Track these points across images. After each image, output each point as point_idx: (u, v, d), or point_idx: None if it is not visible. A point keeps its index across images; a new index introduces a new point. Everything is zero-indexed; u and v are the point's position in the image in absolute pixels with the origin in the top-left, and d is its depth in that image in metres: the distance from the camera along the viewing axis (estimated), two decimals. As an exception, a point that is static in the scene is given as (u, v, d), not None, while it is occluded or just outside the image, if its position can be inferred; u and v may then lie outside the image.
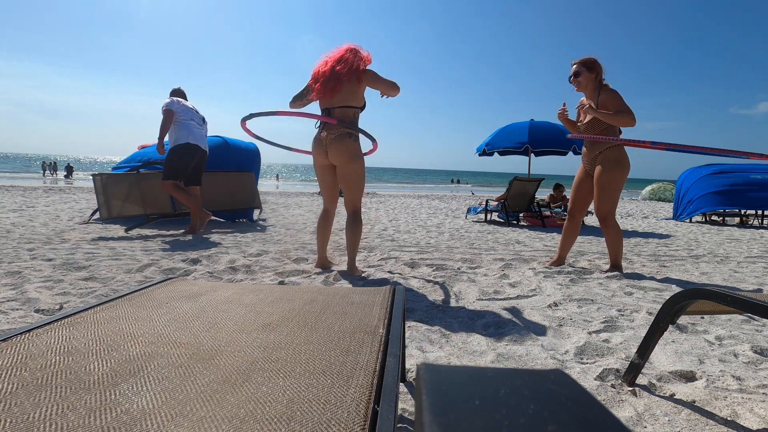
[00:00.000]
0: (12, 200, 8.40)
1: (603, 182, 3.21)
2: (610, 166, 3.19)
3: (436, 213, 9.10)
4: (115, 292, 2.49)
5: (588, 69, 3.25)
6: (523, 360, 1.70)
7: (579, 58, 3.31)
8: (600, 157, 3.25)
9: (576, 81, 3.30)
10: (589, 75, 3.25)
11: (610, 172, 3.18)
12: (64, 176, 25.95)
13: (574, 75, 3.30)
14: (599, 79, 3.28)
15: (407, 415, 1.26)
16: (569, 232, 3.54)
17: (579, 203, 3.47)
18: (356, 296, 1.31)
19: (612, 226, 3.28)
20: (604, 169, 3.20)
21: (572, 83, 3.34)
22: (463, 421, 0.24)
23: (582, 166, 3.46)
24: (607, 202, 3.23)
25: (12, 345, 0.87)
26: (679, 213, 8.88)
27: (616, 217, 3.59)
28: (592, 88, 3.28)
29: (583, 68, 3.26)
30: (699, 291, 1.27)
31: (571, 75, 3.33)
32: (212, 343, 0.91)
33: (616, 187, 3.20)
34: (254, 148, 6.84)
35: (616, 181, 3.19)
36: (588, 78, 3.26)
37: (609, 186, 3.20)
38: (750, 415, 1.29)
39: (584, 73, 3.26)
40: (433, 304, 2.43)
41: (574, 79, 3.31)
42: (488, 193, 20.45)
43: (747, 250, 4.88)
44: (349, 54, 3.01)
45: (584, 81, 3.27)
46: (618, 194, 3.24)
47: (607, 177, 3.19)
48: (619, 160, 3.19)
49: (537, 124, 8.10)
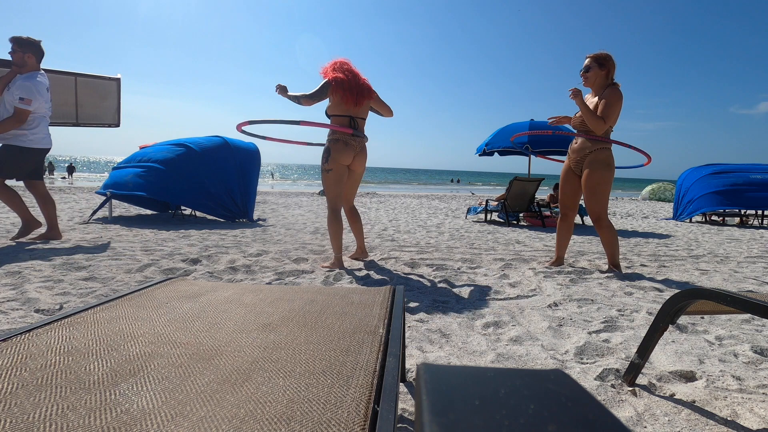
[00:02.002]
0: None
1: (592, 184, 3.23)
2: (599, 168, 3.21)
3: (436, 213, 9.10)
4: (115, 292, 2.49)
5: (599, 65, 3.22)
6: (523, 360, 1.70)
7: (594, 52, 3.26)
8: (589, 157, 3.25)
9: (585, 76, 3.28)
10: (600, 71, 3.23)
11: (600, 173, 3.21)
12: (62, 178, 25.90)
13: (585, 69, 3.27)
14: (610, 76, 3.24)
15: (407, 415, 1.26)
16: (564, 231, 3.55)
17: (569, 201, 3.48)
18: (356, 296, 1.31)
19: (606, 226, 3.30)
20: (593, 170, 3.22)
21: (582, 77, 3.32)
22: (463, 421, 0.24)
23: (566, 164, 3.45)
24: (599, 203, 3.25)
25: (12, 345, 0.87)
26: (679, 213, 8.88)
27: (615, 218, 3.61)
28: (599, 84, 3.26)
29: (595, 64, 3.23)
30: (699, 291, 1.27)
31: (582, 69, 3.30)
32: (212, 343, 0.91)
33: (606, 187, 3.24)
34: (254, 148, 6.84)
35: (605, 181, 3.22)
36: (597, 74, 3.23)
37: (599, 187, 3.22)
38: (750, 415, 1.29)
39: (594, 69, 3.23)
40: (433, 304, 2.43)
41: (584, 74, 3.29)
42: (488, 193, 20.46)
43: (747, 250, 4.88)
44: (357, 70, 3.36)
45: (593, 76, 3.25)
46: (608, 194, 3.27)
47: (596, 178, 3.22)
48: (607, 162, 3.22)
49: (537, 124, 8.11)
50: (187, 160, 6.08)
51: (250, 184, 6.56)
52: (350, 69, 3.31)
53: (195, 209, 6.16)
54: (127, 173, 6.15)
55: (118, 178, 6.20)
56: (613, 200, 18.06)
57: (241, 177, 6.38)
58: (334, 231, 3.31)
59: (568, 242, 3.58)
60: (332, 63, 3.34)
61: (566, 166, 3.45)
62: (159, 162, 6.02)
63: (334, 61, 3.35)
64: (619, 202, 16.16)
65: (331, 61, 3.35)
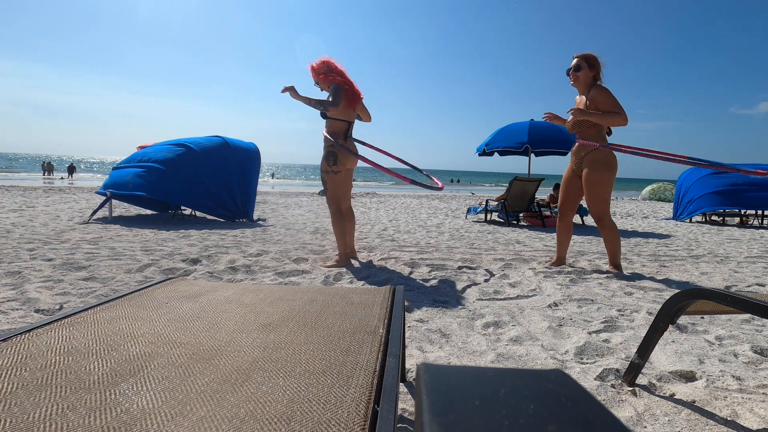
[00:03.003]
0: (12, 200, 8.40)
1: (592, 183, 3.24)
2: (597, 168, 3.22)
3: (436, 213, 9.10)
4: (115, 292, 2.49)
5: (589, 66, 3.25)
6: (523, 360, 1.70)
7: (581, 52, 3.28)
8: (587, 158, 3.26)
9: (575, 75, 3.30)
10: (589, 72, 3.25)
11: (598, 173, 3.21)
12: (61, 178, 25.88)
13: (575, 68, 3.29)
14: (597, 77, 3.28)
15: (407, 415, 1.26)
16: (563, 231, 3.57)
17: (569, 201, 3.49)
18: (356, 296, 1.31)
19: (608, 225, 3.29)
20: (592, 170, 3.23)
21: (570, 76, 3.34)
22: (463, 421, 0.24)
23: (570, 165, 3.48)
24: (599, 203, 3.25)
25: (12, 345, 0.87)
26: (679, 213, 8.88)
27: (615, 218, 3.62)
28: (586, 84, 3.29)
29: (585, 63, 3.25)
30: (699, 291, 1.27)
31: (571, 67, 3.32)
32: (212, 343, 0.91)
33: (606, 187, 3.23)
34: (254, 148, 6.84)
35: (605, 181, 3.22)
36: (587, 74, 3.26)
37: (599, 187, 3.22)
38: (750, 415, 1.29)
39: (584, 69, 3.25)
40: (433, 304, 2.43)
41: (573, 73, 3.30)
42: (488, 193, 20.46)
43: (747, 250, 4.88)
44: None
45: (583, 76, 3.27)
46: (609, 194, 3.27)
47: (595, 178, 3.22)
48: (606, 162, 3.21)
49: (537, 124, 8.11)
50: (187, 160, 6.08)
51: (250, 184, 6.56)
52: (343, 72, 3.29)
53: (195, 209, 6.16)
54: (127, 173, 6.15)
55: (118, 178, 6.20)
56: (613, 200, 18.07)
57: (241, 177, 6.38)
58: (341, 229, 3.36)
59: (568, 242, 3.59)
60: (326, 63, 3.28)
61: (569, 169, 3.48)
62: (159, 162, 6.02)
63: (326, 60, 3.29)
64: (619, 202, 16.16)
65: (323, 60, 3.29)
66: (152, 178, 5.92)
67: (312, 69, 3.32)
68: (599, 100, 3.16)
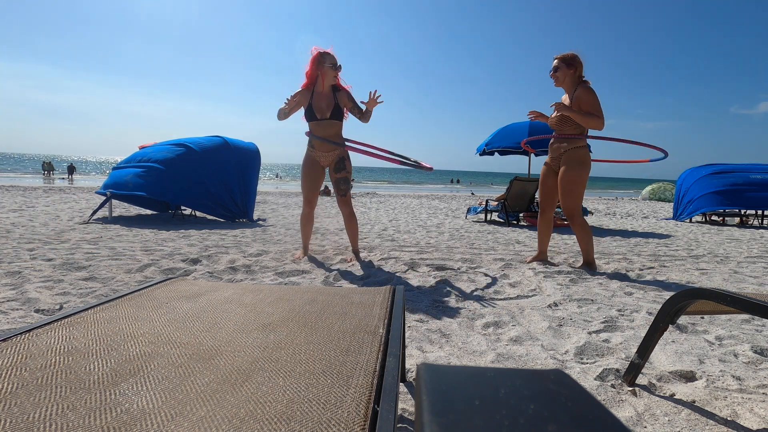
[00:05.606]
0: (12, 200, 8.40)
1: (567, 181, 3.31)
2: (573, 166, 3.30)
3: (436, 213, 9.10)
4: (115, 292, 2.49)
5: (567, 65, 3.32)
6: (523, 360, 1.70)
7: (561, 53, 3.38)
8: (564, 156, 3.35)
9: (554, 76, 3.39)
10: (568, 71, 3.32)
11: (574, 171, 3.29)
12: (61, 178, 25.86)
13: (554, 70, 3.39)
14: (578, 74, 3.34)
15: (407, 415, 1.26)
16: (544, 227, 3.66)
17: (547, 198, 3.57)
18: (356, 296, 1.31)
19: (579, 223, 3.38)
20: (568, 168, 3.31)
21: (552, 77, 3.43)
22: (463, 421, 0.24)
23: (547, 162, 3.55)
24: (573, 200, 3.33)
25: (12, 345, 0.87)
26: (679, 213, 8.88)
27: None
28: (569, 83, 3.35)
29: (563, 64, 3.33)
30: (699, 291, 1.27)
31: (551, 69, 3.41)
32: (212, 343, 0.91)
33: (582, 186, 3.31)
34: (254, 148, 6.84)
35: (580, 179, 3.30)
36: (566, 73, 3.33)
37: (573, 185, 3.30)
38: (750, 415, 1.29)
39: (563, 69, 3.33)
40: (433, 304, 2.43)
41: (553, 74, 3.40)
42: (488, 193, 20.45)
43: (747, 250, 4.88)
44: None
45: (562, 76, 3.35)
46: (582, 192, 3.34)
47: (570, 176, 3.30)
48: (582, 161, 3.30)
49: (537, 123, 8.11)
50: (187, 160, 6.08)
51: (250, 184, 6.56)
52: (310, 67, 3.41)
53: (195, 209, 6.16)
54: (127, 173, 6.15)
55: (118, 178, 6.20)
56: (613, 200, 18.06)
57: (241, 177, 6.38)
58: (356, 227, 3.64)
59: (549, 237, 3.70)
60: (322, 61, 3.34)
61: (545, 167, 3.56)
62: (159, 162, 6.02)
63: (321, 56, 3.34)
64: (619, 202, 16.16)
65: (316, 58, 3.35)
66: (152, 178, 5.92)
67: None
68: (583, 99, 3.24)
